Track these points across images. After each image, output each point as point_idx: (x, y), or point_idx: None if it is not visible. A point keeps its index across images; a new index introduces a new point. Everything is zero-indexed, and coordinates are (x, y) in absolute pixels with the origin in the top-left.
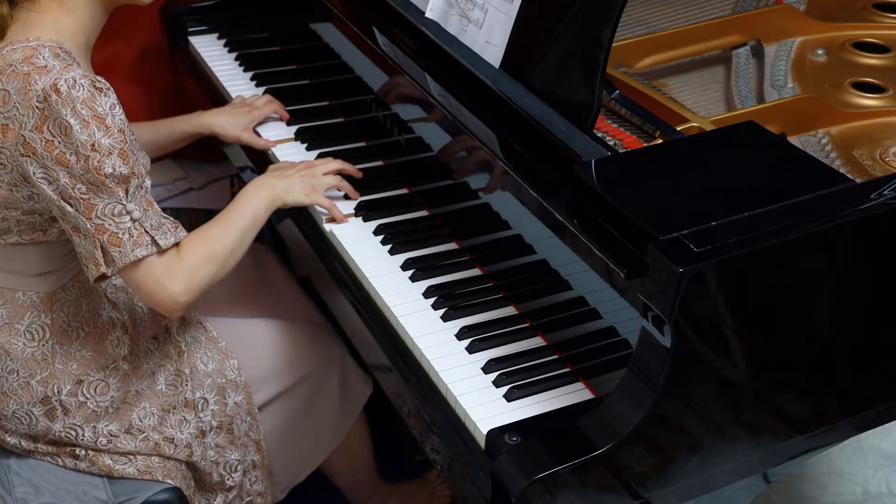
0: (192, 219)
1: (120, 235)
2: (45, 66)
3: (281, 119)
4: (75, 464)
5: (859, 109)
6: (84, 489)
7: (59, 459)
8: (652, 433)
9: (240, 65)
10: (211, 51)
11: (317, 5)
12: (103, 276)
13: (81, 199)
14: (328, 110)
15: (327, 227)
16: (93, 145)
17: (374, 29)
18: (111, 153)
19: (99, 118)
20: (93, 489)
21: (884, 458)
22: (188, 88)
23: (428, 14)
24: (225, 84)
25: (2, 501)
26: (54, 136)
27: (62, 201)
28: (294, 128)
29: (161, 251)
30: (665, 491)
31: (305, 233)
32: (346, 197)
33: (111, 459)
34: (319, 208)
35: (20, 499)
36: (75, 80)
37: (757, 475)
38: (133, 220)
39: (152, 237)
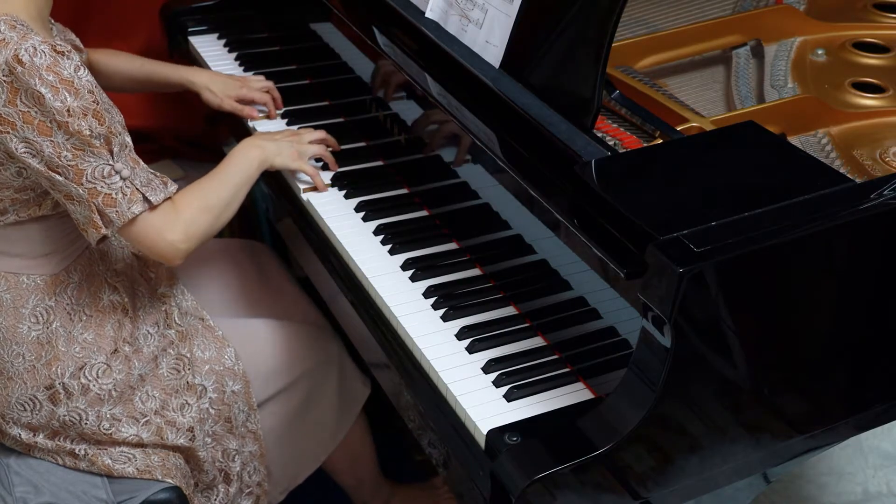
0: None
1: (114, 195)
2: (3, 39)
3: (269, 111)
4: (75, 463)
5: (859, 109)
6: (84, 488)
7: (59, 458)
8: (652, 433)
9: (240, 65)
10: (211, 51)
11: (317, 5)
12: (104, 238)
13: (69, 166)
14: (328, 110)
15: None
16: (68, 110)
17: (374, 29)
18: (85, 115)
19: (67, 82)
20: (92, 488)
21: (884, 458)
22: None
23: (428, 14)
24: None
25: (2, 501)
26: (29, 108)
27: (50, 172)
28: (294, 128)
29: (154, 206)
30: (665, 491)
31: (305, 232)
32: (325, 168)
33: (111, 458)
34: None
35: (20, 498)
36: (35, 48)
37: (757, 475)
38: (123, 179)
39: (143, 194)
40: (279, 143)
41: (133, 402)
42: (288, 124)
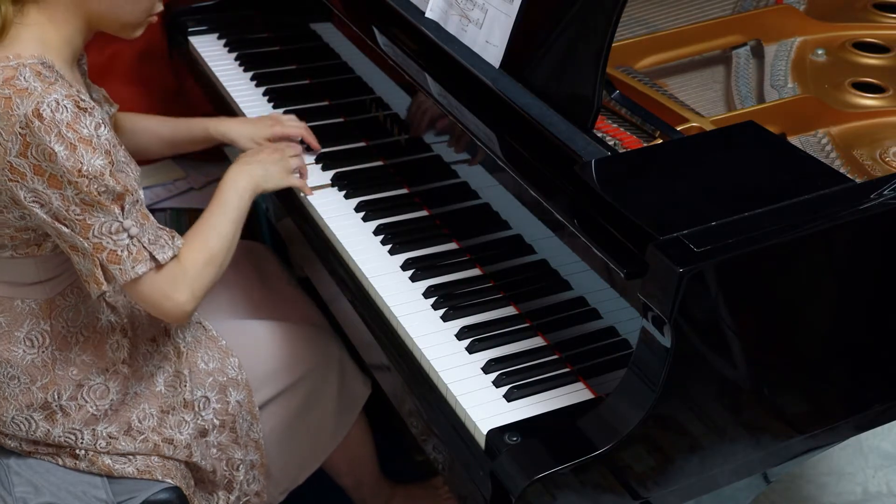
0: (192, 219)
1: (119, 253)
2: (27, 89)
3: (311, 148)
4: (75, 463)
5: (859, 109)
6: (84, 489)
7: (59, 459)
8: (652, 433)
9: (240, 65)
10: (211, 51)
11: (317, 5)
12: (104, 293)
13: (76, 220)
14: (328, 110)
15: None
16: (79, 170)
17: (374, 29)
18: (103, 174)
19: (85, 141)
20: (92, 489)
21: (884, 458)
22: (188, 88)
23: (428, 14)
24: (225, 84)
25: (2, 501)
26: (40, 162)
27: (57, 223)
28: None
29: (160, 265)
30: (665, 491)
31: (305, 232)
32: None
33: (111, 459)
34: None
35: (20, 498)
36: (58, 102)
37: (757, 475)
38: (130, 237)
39: (150, 252)
40: (266, 167)
41: (129, 419)
42: None
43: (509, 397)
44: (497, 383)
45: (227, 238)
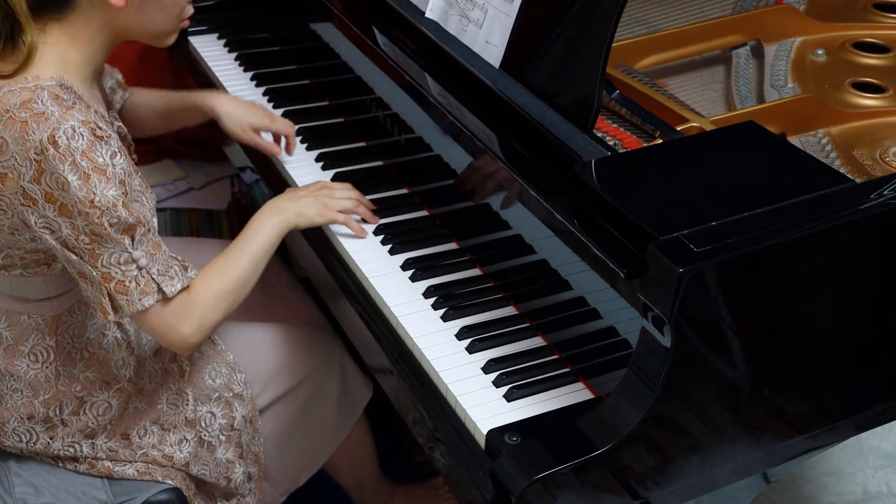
0: (193, 219)
1: (127, 283)
2: (44, 113)
3: (288, 148)
4: (75, 466)
5: (859, 109)
6: (84, 490)
7: (60, 462)
8: (652, 433)
9: (240, 65)
10: (211, 51)
11: (317, 5)
12: (111, 321)
13: (86, 248)
14: (328, 110)
15: (334, 228)
16: (91, 201)
17: (374, 29)
18: (115, 205)
19: (100, 170)
20: (93, 490)
21: (884, 458)
22: (188, 88)
23: (428, 14)
24: (225, 84)
25: (2, 502)
26: (52, 189)
27: (66, 250)
28: (294, 128)
29: (168, 298)
30: (665, 491)
31: (305, 233)
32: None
33: (111, 462)
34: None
35: (20, 499)
36: (74, 130)
37: (757, 475)
38: (139, 269)
39: (158, 284)
40: (301, 202)
41: (129, 435)
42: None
43: (509, 397)
44: (497, 383)
45: (245, 274)
